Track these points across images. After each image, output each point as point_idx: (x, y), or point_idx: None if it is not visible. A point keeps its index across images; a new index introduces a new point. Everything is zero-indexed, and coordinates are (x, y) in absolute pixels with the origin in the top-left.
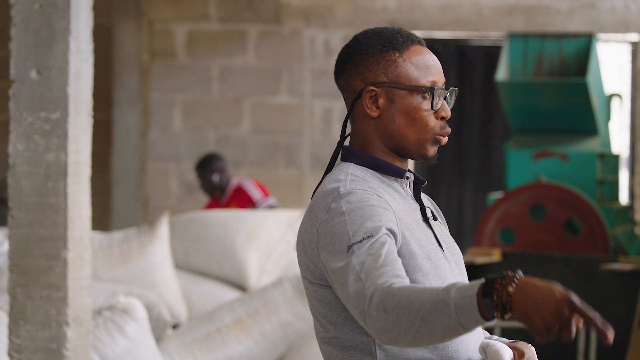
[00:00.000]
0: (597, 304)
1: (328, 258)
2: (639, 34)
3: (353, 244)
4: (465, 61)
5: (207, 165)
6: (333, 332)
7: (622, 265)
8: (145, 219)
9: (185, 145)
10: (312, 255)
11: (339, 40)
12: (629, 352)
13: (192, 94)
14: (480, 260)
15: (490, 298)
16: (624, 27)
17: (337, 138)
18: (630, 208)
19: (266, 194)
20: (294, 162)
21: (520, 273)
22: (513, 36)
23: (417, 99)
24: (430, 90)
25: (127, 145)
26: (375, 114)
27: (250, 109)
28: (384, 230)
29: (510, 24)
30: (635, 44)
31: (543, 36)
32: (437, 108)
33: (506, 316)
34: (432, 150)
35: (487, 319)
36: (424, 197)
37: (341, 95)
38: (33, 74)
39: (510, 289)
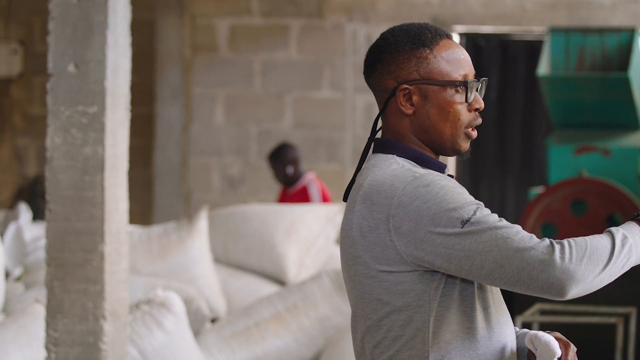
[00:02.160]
0: (636, 299)
1: (436, 224)
2: None
3: (475, 209)
4: (508, 56)
5: (280, 156)
6: (385, 318)
7: None
8: (187, 214)
9: (227, 139)
10: (380, 239)
11: None
12: None
13: (234, 88)
14: None
15: None
16: None
17: (379, 133)
18: None
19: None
20: (335, 157)
21: None
22: (555, 31)
23: (450, 93)
24: (464, 84)
25: (169, 140)
26: (409, 111)
27: (292, 104)
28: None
29: (553, 18)
30: None
31: (585, 31)
32: (471, 101)
33: None
34: (465, 146)
35: None
36: None
37: None
38: (71, 68)
39: None
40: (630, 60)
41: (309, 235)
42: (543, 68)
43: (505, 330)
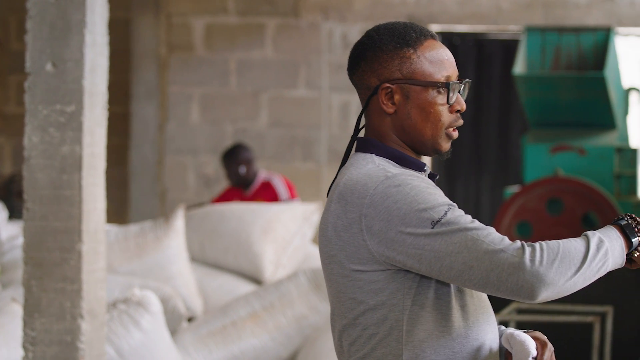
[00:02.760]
0: (613, 298)
1: (407, 224)
2: None
3: (446, 209)
4: (484, 55)
5: (233, 157)
6: (360, 317)
7: None
8: (162, 212)
9: (203, 138)
10: (354, 238)
11: (357, 33)
12: None
13: (210, 87)
14: None
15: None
16: None
17: None
18: None
19: (293, 195)
20: (311, 156)
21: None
22: (531, 30)
23: (432, 94)
24: (446, 85)
25: (145, 139)
26: (391, 110)
27: (268, 103)
28: (449, 202)
29: (529, 17)
30: None
31: (561, 30)
32: (452, 102)
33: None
34: (446, 146)
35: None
36: None
37: None
38: (48, 67)
39: None
40: (606, 60)
41: (286, 234)
42: (519, 67)
43: (484, 329)
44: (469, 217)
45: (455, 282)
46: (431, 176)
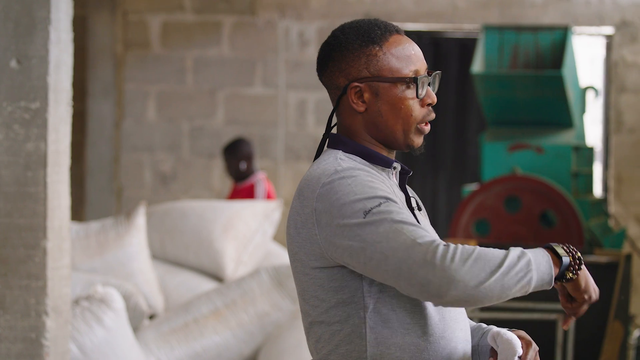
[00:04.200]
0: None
1: (343, 215)
2: (613, 27)
3: (382, 201)
4: (440, 53)
5: (234, 151)
6: (324, 314)
7: (597, 258)
8: (118, 210)
9: (160, 136)
10: (310, 233)
11: (313, 31)
12: (604, 344)
13: (167, 84)
14: None
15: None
16: (599, 20)
17: (312, 129)
18: (604, 201)
19: None
20: (268, 154)
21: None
22: (489, 28)
23: (401, 90)
24: (414, 80)
25: (101, 136)
26: (361, 108)
27: (225, 100)
28: (388, 197)
29: (485, 16)
30: (610, 37)
31: (519, 28)
32: (422, 96)
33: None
34: (418, 141)
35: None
36: (407, 188)
37: (316, 86)
38: (13, 64)
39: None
40: (564, 58)
41: (247, 231)
42: (477, 65)
43: (451, 327)
44: (404, 213)
45: (375, 275)
46: (403, 172)
